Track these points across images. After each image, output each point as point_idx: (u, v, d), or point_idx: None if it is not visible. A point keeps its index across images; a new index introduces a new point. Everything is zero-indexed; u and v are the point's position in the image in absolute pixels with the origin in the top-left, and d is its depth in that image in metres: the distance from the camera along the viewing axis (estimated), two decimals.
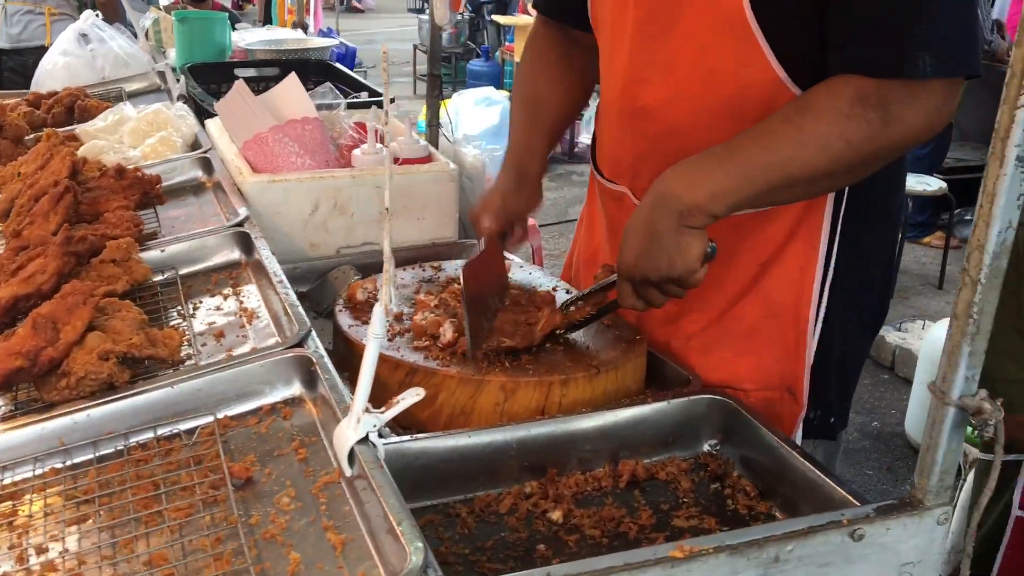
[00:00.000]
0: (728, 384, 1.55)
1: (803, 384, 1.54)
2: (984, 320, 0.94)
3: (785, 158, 1.29)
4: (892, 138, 1.29)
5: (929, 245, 6.33)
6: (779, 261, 1.52)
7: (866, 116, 1.26)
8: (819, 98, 1.31)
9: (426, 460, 1.27)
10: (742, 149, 1.32)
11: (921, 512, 1.04)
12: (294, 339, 1.38)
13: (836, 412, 1.62)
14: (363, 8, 18.18)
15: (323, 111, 2.36)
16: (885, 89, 1.26)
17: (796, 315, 1.52)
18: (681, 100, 1.49)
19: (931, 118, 1.29)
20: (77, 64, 3.45)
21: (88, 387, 1.29)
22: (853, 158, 1.30)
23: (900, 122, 1.27)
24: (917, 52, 1.24)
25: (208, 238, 1.81)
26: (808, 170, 1.30)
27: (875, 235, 1.58)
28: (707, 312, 1.58)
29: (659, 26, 1.48)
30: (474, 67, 10.49)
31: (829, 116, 1.28)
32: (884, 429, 4.15)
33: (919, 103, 1.27)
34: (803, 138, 1.29)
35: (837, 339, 1.55)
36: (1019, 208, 0.90)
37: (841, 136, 1.27)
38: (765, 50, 1.38)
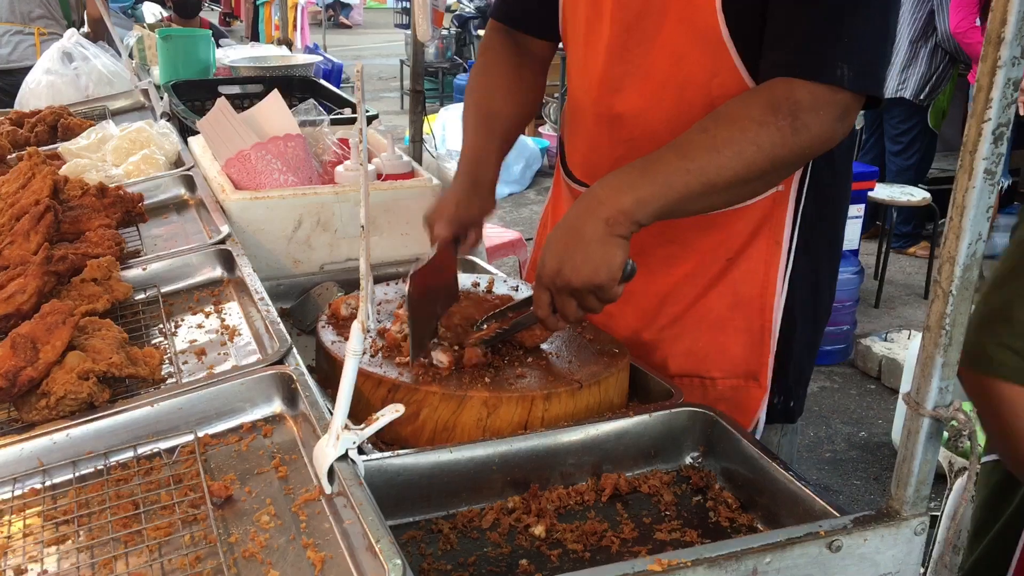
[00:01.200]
0: (697, 373, 1.64)
1: (767, 370, 1.62)
2: (956, 331, 0.95)
3: (702, 165, 1.35)
4: (800, 145, 1.36)
5: (914, 255, 6.37)
6: (746, 255, 1.60)
7: (777, 123, 1.34)
8: (733, 108, 1.38)
9: (408, 476, 1.27)
10: (663, 158, 1.37)
11: (898, 523, 1.04)
12: (275, 356, 1.38)
13: (795, 396, 1.70)
14: (350, 24, 18.24)
15: (306, 128, 2.37)
16: (797, 95, 1.34)
17: (762, 305, 1.60)
18: (656, 108, 1.55)
19: (835, 128, 1.38)
20: (60, 82, 3.45)
21: (68, 407, 1.28)
22: (765, 164, 1.36)
23: (807, 130, 1.34)
24: (838, 61, 1.33)
25: (190, 256, 1.81)
26: (724, 176, 1.36)
27: (828, 226, 1.66)
28: (678, 304, 1.65)
29: (637, 39, 1.53)
30: (461, 81, 10.52)
31: (742, 123, 1.35)
32: (871, 439, 4.17)
33: (826, 112, 1.35)
34: (718, 145, 1.35)
35: (795, 327, 1.63)
36: (988, 220, 0.91)
37: (753, 142, 1.34)
38: (736, 62, 1.46)
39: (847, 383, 4.69)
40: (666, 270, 1.64)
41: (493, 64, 1.85)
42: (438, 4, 2.59)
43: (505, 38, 1.86)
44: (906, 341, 4.73)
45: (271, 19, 11.09)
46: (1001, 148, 0.89)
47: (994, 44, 0.86)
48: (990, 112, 0.88)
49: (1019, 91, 0.89)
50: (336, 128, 2.48)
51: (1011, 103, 0.87)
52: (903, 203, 5.51)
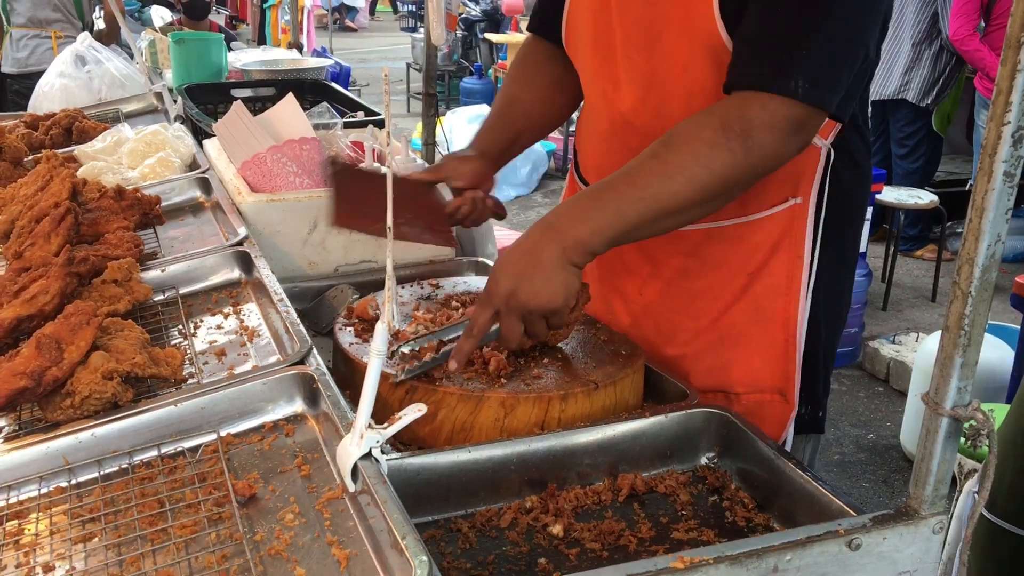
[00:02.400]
0: (720, 388, 1.63)
1: (794, 386, 1.60)
2: (975, 332, 0.96)
3: (654, 192, 1.35)
4: (752, 164, 1.35)
5: (921, 258, 6.37)
6: (767, 270, 1.58)
7: (728, 145, 1.33)
8: (685, 130, 1.37)
9: (427, 476, 1.28)
10: (615, 187, 1.38)
11: (917, 521, 1.05)
12: (296, 356, 1.39)
13: (822, 406, 1.70)
14: (356, 27, 18.27)
15: (320, 131, 2.38)
16: (749, 114, 1.33)
17: (785, 319, 1.59)
18: (665, 116, 1.54)
19: (788, 144, 1.36)
20: (74, 86, 3.47)
21: (92, 406, 1.30)
22: (717, 187, 1.36)
23: (760, 149, 1.33)
24: (793, 73, 1.32)
25: (208, 257, 1.83)
26: (676, 201, 1.36)
27: (850, 235, 1.66)
28: (699, 320, 1.64)
29: (641, 47, 1.54)
30: (467, 85, 10.54)
31: (694, 147, 1.35)
32: (879, 442, 4.17)
33: (779, 128, 1.34)
34: (669, 171, 1.35)
35: (820, 338, 1.63)
36: (1007, 222, 0.93)
37: (705, 166, 1.33)
38: None
39: (855, 386, 4.69)
40: (682, 284, 1.64)
41: (524, 59, 1.87)
42: (451, 7, 2.60)
43: (543, 48, 1.86)
44: (914, 343, 4.74)
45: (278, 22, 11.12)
46: (1021, 151, 0.90)
47: (1013, 48, 0.87)
48: (1009, 115, 0.89)
49: None
50: (349, 131, 2.50)
51: None
52: (910, 206, 5.52)
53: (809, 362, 1.61)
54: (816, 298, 1.59)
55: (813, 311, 1.59)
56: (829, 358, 1.69)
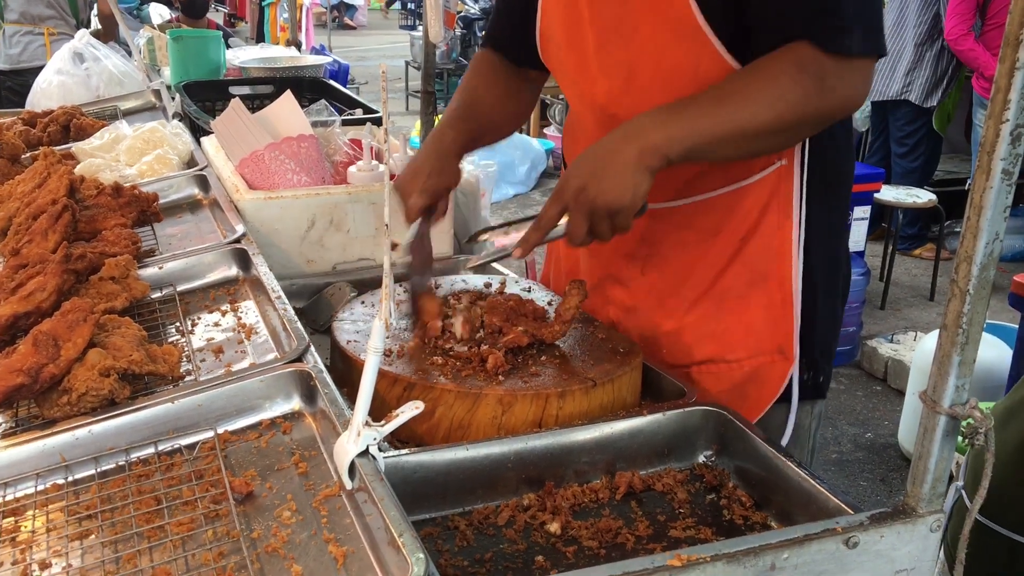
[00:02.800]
0: (721, 356, 1.64)
1: (792, 341, 1.62)
2: (973, 330, 0.96)
3: (733, 111, 1.41)
4: (823, 105, 1.42)
5: (920, 257, 6.38)
6: (758, 232, 1.61)
7: (803, 81, 1.39)
8: (768, 63, 1.43)
9: (424, 473, 1.28)
10: (696, 102, 1.43)
11: (914, 519, 1.05)
12: (293, 354, 1.39)
13: (823, 371, 1.70)
14: (355, 25, 18.26)
15: (318, 128, 2.38)
16: (822, 61, 1.39)
17: (780, 278, 1.61)
18: (646, 103, 1.55)
19: (857, 92, 1.44)
20: (71, 83, 3.47)
21: (89, 403, 1.30)
22: (792, 118, 1.42)
23: (832, 92, 1.41)
24: (845, 32, 1.38)
25: (205, 255, 1.83)
26: (753, 124, 1.41)
27: (837, 200, 1.69)
28: (696, 289, 1.66)
29: (617, 41, 1.57)
30: None
31: (775, 77, 1.41)
32: (877, 440, 4.17)
33: (847, 78, 1.41)
34: (751, 94, 1.41)
35: (816, 300, 1.64)
36: (1005, 220, 0.92)
37: (782, 96, 1.40)
38: (718, 48, 1.48)
39: (853, 384, 4.69)
40: (680, 255, 1.66)
41: (481, 68, 1.90)
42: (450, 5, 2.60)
43: (496, 59, 1.90)
44: (912, 342, 4.74)
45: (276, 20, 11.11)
46: (1019, 149, 0.90)
47: (1012, 46, 0.87)
48: (1008, 113, 0.89)
49: None
50: (347, 129, 2.49)
51: None
52: (909, 205, 5.52)
53: (806, 323, 1.63)
54: (809, 262, 1.62)
55: (807, 274, 1.62)
56: (828, 323, 1.70)
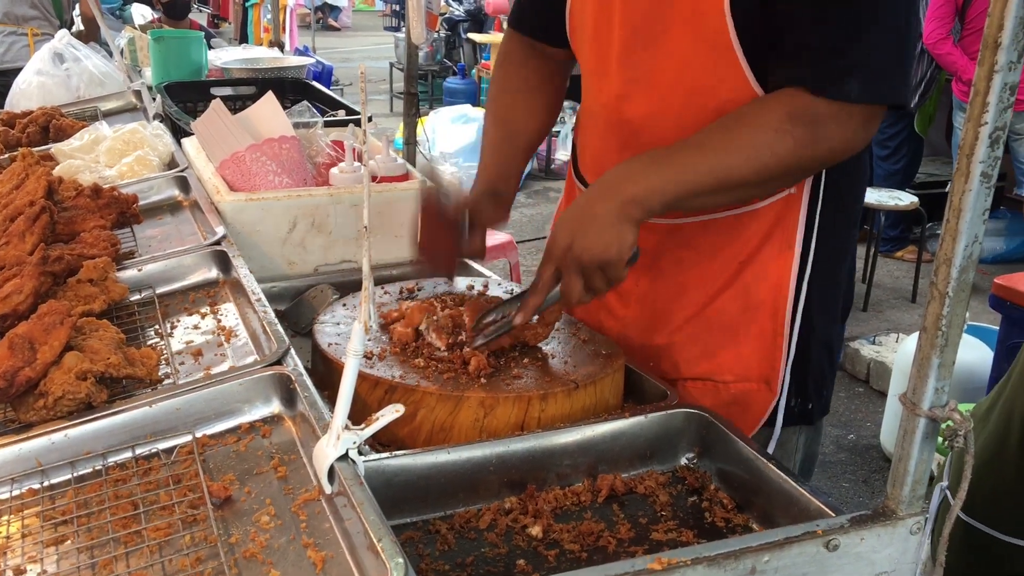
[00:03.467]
0: (708, 376, 1.63)
1: (779, 375, 1.61)
2: (953, 332, 0.96)
3: (717, 163, 1.39)
4: (815, 155, 1.40)
5: (902, 259, 6.41)
6: (757, 259, 1.59)
7: (794, 132, 1.36)
8: (755, 111, 1.41)
9: (406, 477, 1.28)
10: (680, 152, 1.41)
11: (894, 522, 1.05)
12: (273, 357, 1.38)
13: (813, 399, 1.68)
14: (339, 26, 18.21)
15: (300, 129, 2.37)
16: (815, 108, 1.37)
17: (774, 309, 1.59)
18: (664, 114, 1.55)
19: (852, 141, 1.41)
20: (51, 83, 3.44)
21: (66, 407, 1.28)
22: (778, 169, 1.40)
23: (825, 141, 1.38)
24: (846, 77, 1.35)
25: (185, 257, 1.81)
26: (736, 176, 1.40)
27: (843, 235, 1.66)
28: (690, 308, 1.65)
29: (644, 43, 1.54)
30: (451, 85, 10.53)
31: (762, 128, 1.38)
32: (860, 442, 4.19)
33: (843, 125, 1.38)
34: (735, 146, 1.39)
35: (812, 331, 1.62)
36: (984, 222, 0.93)
37: (769, 147, 1.37)
38: (744, 68, 1.45)
39: (836, 386, 4.67)
40: (676, 273, 1.64)
41: (513, 72, 1.86)
42: (432, 7, 2.59)
43: (524, 47, 1.86)
44: (894, 344, 4.76)
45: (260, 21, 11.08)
46: (997, 152, 0.90)
47: (991, 48, 0.87)
48: (987, 116, 0.89)
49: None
50: (329, 130, 2.48)
51: (1007, 107, 0.89)
52: (891, 207, 5.55)
53: (800, 353, 1.61)
54: (808, 292, 1.59)
55: (806, 305, 1.60)
56: (825, 351, 1.68)
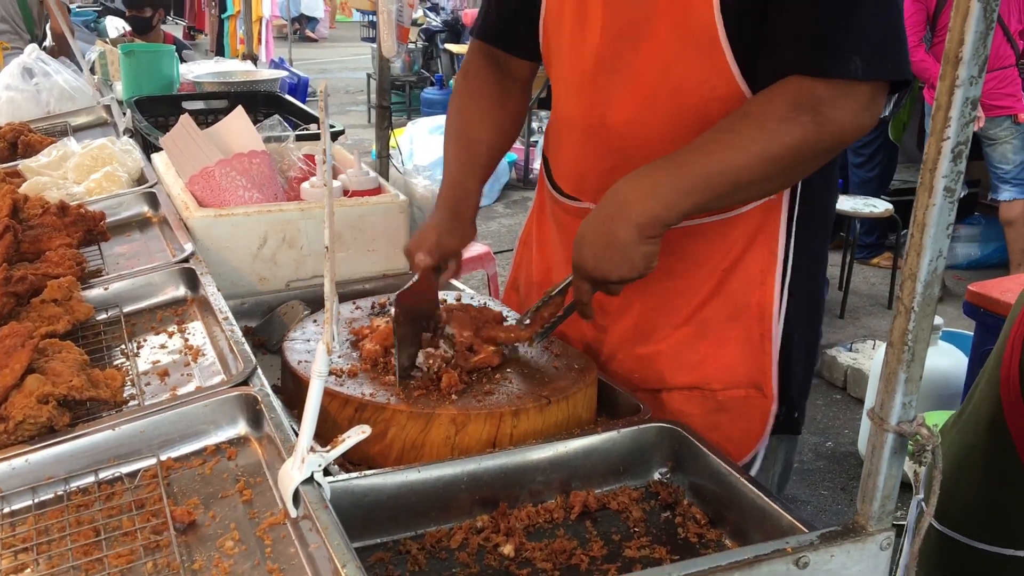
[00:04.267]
0: (696, 384, 1.62)
1: (771, 379, 1.61)
2: (919, 347, 0.96)
3: (728, 166, 1.38)
4: (824, 138, 1.38)
5: (878, 266, 6.45)
6: (741, 266, 1.59)
7: (800, 120, 1.36)
8: (757, 107, 1.40)
9: (375, 497, 1.26)
10: (689, 160, 1.40)
11: (864, 538, 1.05)
12: (240, 377, 1.37)
13: (798, 406, 1.69)
14: (316, 37, 18.17)
15: (272, 143, 2.35)
16: (818, 91, 1.36)
17: (760, 315, 1.59)
18: (648, 114, 1.55)
19: (859, 118, 1.39)
20: (20, 98, 3.40)
21: (27, 431, 1.26)
22: (790, 160, 1.40)
23: (832, 123, 1.37)
24: (849, 55, 1.34)
25: (153, 275, 1.79)
26: (750, 174, 1.39)
27: (819, 242, 1.68)
28: (675, 317, 1.64)
29: (628, 45, 1.53)
30: (428, 95, 10.52)
31: (767, 123, 1.37)
32: (838, 449, 4.20)
33: (847, 105, 1.37)
34: (743, 144, 1.38)
35: (794, 337, 1.62)
36: (948, 237, 0.92)
37: (778, 140, 1.37)
38: (731, 63, 1.45)
39: (814, 393, 4.70)
40: (662, 282, 1.63)
41: (476, 89, 1.85)
42: (403, 20, 2.58)
43: (487, 60, 1.85)
44: (871, 351, 4.79)
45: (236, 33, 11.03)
46: (960, 166, 0.90)
47: (952, 63, 0.87)
48: (949, 131, 0.89)
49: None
50: (302, 144, 2.47)
51: (969, 121, 0.89)
52: (866, 215, 5.58)
53: (783, 360, 1.61)
54: (790, 298, 1.60)
55: (788, 311, 1.60)
56: (804, 359, 1.68)
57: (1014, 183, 5.52)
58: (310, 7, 17.24)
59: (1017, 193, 5.53)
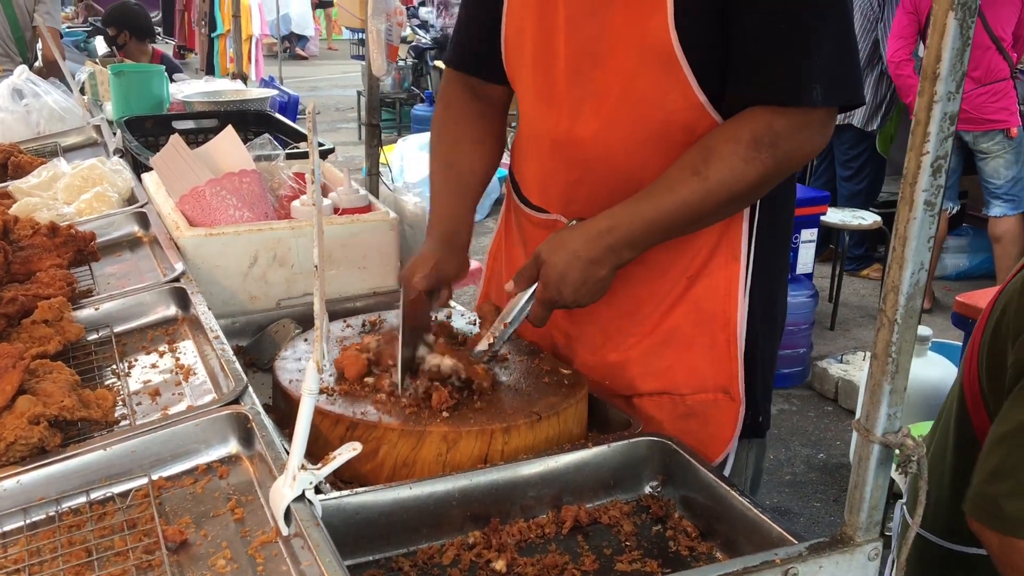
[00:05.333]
0: (665, 390, 1.66)
1: (737, 383, 1.64)
2: (903, 359, 0.97)
3: (695, 206, 1.49)
4: (781, 170, 1.49)
5: (867, 277, 6.48)
6: (706, 272, 1.63)
7: (761, 158, 1.45)
8: (720, 146, 1.47)
9: (367, 514, 1.26)
10: (657, 201, 1.49)
11: (852, 549, 1.05)
12: (230, 396, 1.37)
13: (762, 411, 1.72)
14: (307, 55, 18.21)
15: (262, 162, 2.36)
16: (776, 126, 1.44)
17: (725, 320, 1.63)
18: (611, 129, 1.58)
19: (813, 143, 1.49)
20: (11, 119, 3.40)
21: (18, 452, 1.26)
22: (751, 192, 1.51)
23: (788, 156, 1.47)
24: (808, 83, 1.41)
25: (144, 294, 1.79)
26: (713, 210, 1.51)
27: (779, 249, 1.73)
28: (643, 324, 1.67)
29: (590, 61, 1.57)
30: (418, 112, 10.55)
31: (730, 163, 1.45)
32: (830, 461, 4.21)
33: (804, 133, 1.46)
34: (709, 187, 1.47)
35: (757, 341, 1.66)
36: (930, 250, 0.94)
37: (742, 179, 1.46)
38: (689, 79, 1.49)
39: (805, 405, 4.74)
40: (628, 290, 1.66)
41: (456, 116, 1.87)
42: (393, 39, 2.60)
43: (462, 87, 1.87)
44: (861, 362, 4.80)
45: (226, 52, 11.05)
46: (940, 180, 0.91)
47: (930, 79, 0.89)
48: (928, 146, 0.90)
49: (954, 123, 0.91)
50: (292, 162, 2.48)
51: (948, 136, 0.90)
52: (855, 227, 5.61)
53: (748, 365, 1.65)
54: (752, 304, 1.63)
55: (750, 316, 1.63)
56: (767, 365, 1.72)
57: (1005, 199, 5.54)
58: (300, 25, 17.29)
59: (1008, 209, 5.54)
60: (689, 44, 1.46)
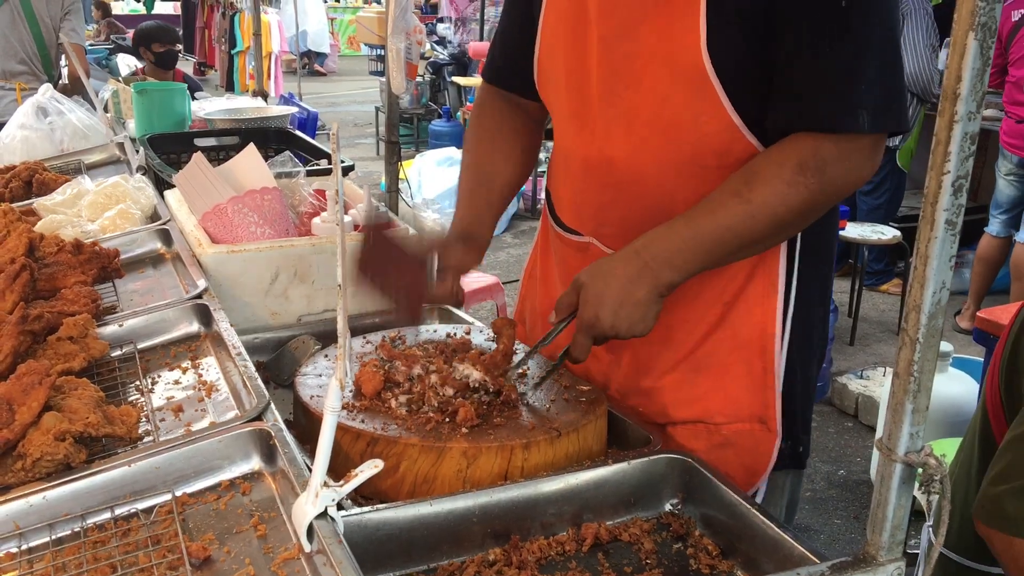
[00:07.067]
0: (699, 418, 1.63)
1: (775, 413, 1.61)
2: (925, 378, 0.97)
3: (738, 230, 1.45)
4: (829, 196, 1.45)
5: (887, 292, 6.44)
6: (742, 298, 1.60)
7: (807, 183, 1.40)
8: (764, 169, 1.43)
9: (388, 531, 1.27)
10: (703, 227, 1.46)
11: (875, 568, 1.05)
12: (253, 412, 1.38)
13: (802, 441, 1.69)
14: (325, 72, 18.35)
15: (283, 179, 2.38)
16: (823, 152, 1.39)
17: (762, 347, 1.60)
18: (643, 150, 1.56)
19: (862, 171, 1.44)
20: (35, 137, 3.45)
21: (44, 468, 1.27)
22: (797, 220, 1.46)
23: (836, 181, 1.42)
24: (856, 109, 1.37)
25: (167, 311, 1.81)
26: (757, 236, 1.46)
27: (821, 272, 1.68)
28: (677, 352, 1.65)
29: (622, 82, 1.55)
30: (436, 127, 10.60)
31: (775, 186, 1.41)
32: (851, 477, 4.18)
33: (852, 160, 1.42)
34: (752, 211, 1.43)
35: (797, 371, 1.63)
36: (951, 269, 0.94)
37: (785, 203, 1.42)
38: (723, 99, 1.46)
39: (825, 421, 4.71)
40: (663, 316, 1.63)
41: (489, 124, 1.88)
42: (412, 57, 2.62)
43: (499, 98, 1.88)
44: (881, 378, 4.77)
45: (245, 68, 11.17)
46: (961, 199, 0.91)
47: (950, 99, 0.89)
48: (949, 165, 0.90)
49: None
50: (312, 179, 2.50)
51: (969, 156, 0.90)
52: (874, 241, 5.59)
53: (786, 394, 1.61)
54: (791, 333, 1.60)
55: (789, 345, 1.60)
56: (806, 393, 1.68)
57: None
58: (316, 43, 17.44)
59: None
60: (722, 65, 1.44)
